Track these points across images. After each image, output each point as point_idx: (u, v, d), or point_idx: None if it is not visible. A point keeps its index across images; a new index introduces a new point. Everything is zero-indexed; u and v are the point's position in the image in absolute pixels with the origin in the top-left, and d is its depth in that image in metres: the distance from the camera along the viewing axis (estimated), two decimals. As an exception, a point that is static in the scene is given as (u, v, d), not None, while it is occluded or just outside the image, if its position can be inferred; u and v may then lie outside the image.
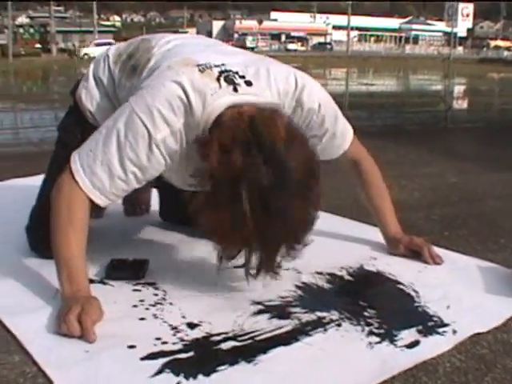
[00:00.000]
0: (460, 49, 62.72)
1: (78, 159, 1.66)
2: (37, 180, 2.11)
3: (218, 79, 1.65)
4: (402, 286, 1.86)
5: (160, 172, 1.72)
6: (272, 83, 1.72)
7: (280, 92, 1.74)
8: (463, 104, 11.79)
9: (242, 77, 1.68)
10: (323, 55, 44.95)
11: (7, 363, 1.40)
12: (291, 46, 63.29)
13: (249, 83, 1.67)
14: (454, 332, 1.57)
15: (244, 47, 57.08)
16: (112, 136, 1.63)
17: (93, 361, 1.39)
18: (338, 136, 1.94)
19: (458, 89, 15.12)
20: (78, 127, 1.98)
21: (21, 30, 51.27)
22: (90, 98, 1.98)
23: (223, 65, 1.70)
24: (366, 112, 8.88)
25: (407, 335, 1.55)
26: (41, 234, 1.77)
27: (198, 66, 1.68)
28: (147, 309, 1.67)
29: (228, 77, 1.66)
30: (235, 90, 1.64)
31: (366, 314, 1.66)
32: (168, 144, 1.63)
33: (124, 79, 1.89)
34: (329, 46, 64.16)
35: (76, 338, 1.47)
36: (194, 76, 1.64)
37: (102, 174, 1.63)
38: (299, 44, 67.29)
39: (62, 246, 1.63)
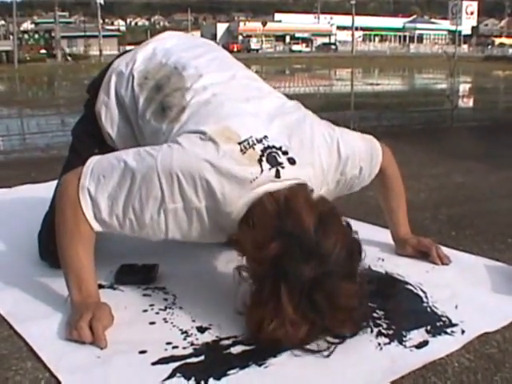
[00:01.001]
0: (465, 47, 62.62)
1: (89, 174, 1.61)
2: (50, 186, 2.07)
3: (260, 160, 1.57)
4: (410, 287, 1.86)
5: (157, 238, 1.64)
6: (316, 158, 1.68)
7: (324, 168, 1.70)
8: (469, 102, 11.77)
9: (285, 153, 1.61)
10: (328, 56, 44.98)
11: (20, 369, 1.42)
12: (296, 47, 63.46)
13: (292, 161, 1.60)
14: (463, 332, 1.57)
15: (249, 49, 57.40)
16: (127, 179, 1.57)
17: (104, 366, 1.40)
18: (374, 171, 1.94)
19: (464, 87, 15.09)
20: (95, 142, 1.95)
21: (26, 36, 51.28)
22: (111, 120, 1.94)
23: (266, 138, 1.61)
24: (372, 112, 8.88)
25: (416, 335, 1.55)
26: (51, 248, 1.73)
27: (240, 143, 1.58)
28: (157, 313, 1.68)
29: (271, 154, 1.58)
30: (277, 175, 1.56)
31: (374, 315, 1.66)
32: (178, 216, 1.58)
33: (149, 114, 1.82)
34: (333, 47, 64.16)
35: (87, 343, 1.49)
36: (235, 158, 1.56)
37: (104, 206, 1.59)
38: (304, 45, 67.36)
39: (70, 254, 1.63)
